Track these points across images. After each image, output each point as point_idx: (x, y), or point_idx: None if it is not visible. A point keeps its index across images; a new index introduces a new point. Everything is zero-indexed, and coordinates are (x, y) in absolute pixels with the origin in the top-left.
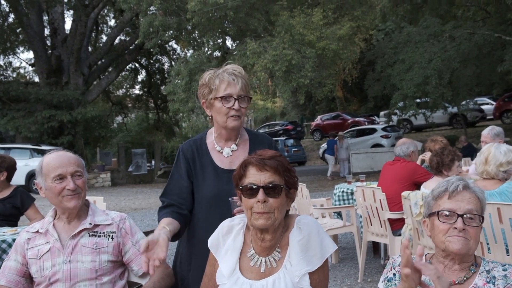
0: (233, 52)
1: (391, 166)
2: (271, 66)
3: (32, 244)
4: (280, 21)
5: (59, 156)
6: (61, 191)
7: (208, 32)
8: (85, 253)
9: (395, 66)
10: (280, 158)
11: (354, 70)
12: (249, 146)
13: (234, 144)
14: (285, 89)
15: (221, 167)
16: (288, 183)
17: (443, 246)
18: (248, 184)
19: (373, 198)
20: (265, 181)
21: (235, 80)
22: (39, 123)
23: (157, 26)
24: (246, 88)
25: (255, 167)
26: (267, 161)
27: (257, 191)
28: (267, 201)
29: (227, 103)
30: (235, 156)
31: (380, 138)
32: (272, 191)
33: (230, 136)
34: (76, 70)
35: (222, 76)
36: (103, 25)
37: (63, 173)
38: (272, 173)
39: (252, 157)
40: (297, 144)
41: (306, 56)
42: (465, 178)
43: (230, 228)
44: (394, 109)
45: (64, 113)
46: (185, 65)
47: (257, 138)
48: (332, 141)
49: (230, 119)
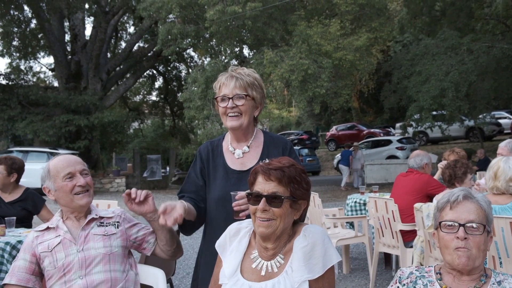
0: (250, 61)
1: (404, 177)
2: (287, 76)
3: (42, 239)
4: (298, 31)
5: (65, 157)
6: (72, 188)
7: (225, 41)
8: (97, 240)
9: (412, 78)
10: (289, 169)
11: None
12: (262, 149)
13: (246, 146)
14: (301, 99)
15: (231, 167)
16: (294, 194)
17: (449, 260)
18: (255, 191)
19: (385, 209)
20: (269, 190)
21: (228, 80)
22: (57, 127)
23: (175, 34)
24: (244, 86)
25: (262, 175)
26: (272, 171)
27: (261, 199)
28: (268, 210)
29: (223, 103)
30: (246, 158)
31: (395, 150)
32: (274, 200)
33: (240, 137)
34: (95, 75)
35: (220, 78)
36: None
37: (72, 171)
38: (277, 184)
39: (261, 166)
40: (311, 154)
41: (322, 66)
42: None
43: (238, 230)
44: (410, 121)
45: (82, 118)
46: (201, 73)
47: (272, 141)
48: (346, 151)
49: (228, 119)
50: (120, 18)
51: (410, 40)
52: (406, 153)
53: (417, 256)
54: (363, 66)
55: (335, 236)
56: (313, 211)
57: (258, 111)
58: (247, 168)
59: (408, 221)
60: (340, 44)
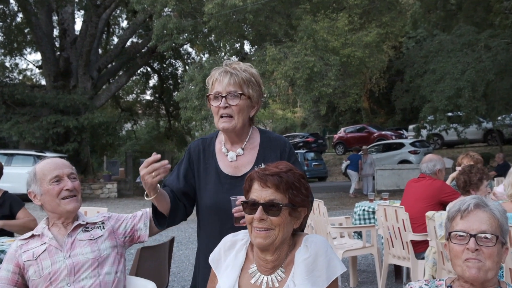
0: (251, 58)
1: (415, 183)
2: (291, 74)
3: (26, 248)
4: (303, 25)
5: (53, 160)
6: (59, 192)
7: (225, 36)
8: (84, 246)
9: (426, 76)
10: (287, 174)
11: (381, 79)
12: (257, 152)
13: (241, 148)
14: (306, 99)
15: (224, 172)
16: (293, 201)
17: (460, 272)
18: (251, 199)
19: (395, 218)
20: (266, 198)
21: (222, 76)
22: (44, 129)
23: (171, 29)
24: (239, 83)
25: (258, 182)
26: (269, 177)
27: (257, 208)
28: (266, 219)
29: (216, 102)
30: (240, 161)
31: (408, 154)
32: (272, 209)
33: (234, 138)
34: (85, 73)
35: (214, 73)
36: (115, 27)
37: (60, 174)
38: (274, 190)
39: (256, 172)
40: (318, 158)
41: (329, 63)
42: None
43: (233, 243)
44: (424, 123)
45: (71, 119)
46: (199, 70)
47: (269, 143)
48: (355, 155)
49: (220, 120)
50: (112, 11)
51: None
52: (419, 157)
53: (429, 268)
54: (373, 64)
55: (342, 246)
56: (317, 219)
57: (254, 110)
58: (241, 173)
59: (419, 230)
60: (348, 40)
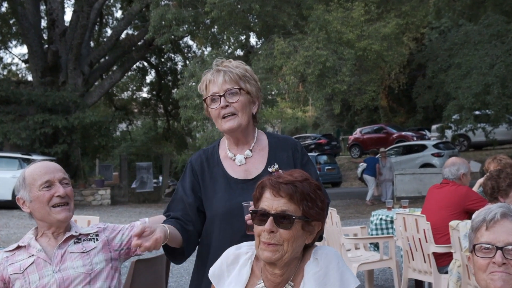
0: (257, 52)
1: (438, 190)
2: (302, 69)
3: (12, 260)
4: (314, 16)
5: (44, 164)
6: (50, 199)
7: (229, 28)
8: (75, 259)
9: (450, 71)
10: (302, 184)
11: (401, 75)
12: (268, 152)
13: (249, 150)
14: (318, 96)
15: (234, 177)
16: (307, 214)
17: (484, 286)
18: (261, 208)
19: (415, 228)
20: (277, 208)
21: (215, 75)
22: (30, 129)
23: (170, 20)
24: (235, 79)
25: (270, 190)
26: (282, 186)
27: (267, 219)
28: (276, 232)
29: (214, 104)
30: (251, 163)
31: (431, 157)
32: (283, 221)
33: (240, 139)
34: (75, 68)
35: (205, 76)
36: (108, 17)
37: (51, 179)
38: (287, 201)
39: (269, 179)
40: (331, 162)
41: (343, 57)
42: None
43: (236, 257)
44: (448, 123)
45: (60, 118)
46: (201, 65)
47: (278, 143)
48: (372, 159)
49: (223, 121)
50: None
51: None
52: (443, 160)
53: (453, 283)
54: (392, 58)
55: (357, 259)
56: (330, 229)
57: (256, 107)
58: (253, 176)
59: (442, 242)
60: (365, 32)
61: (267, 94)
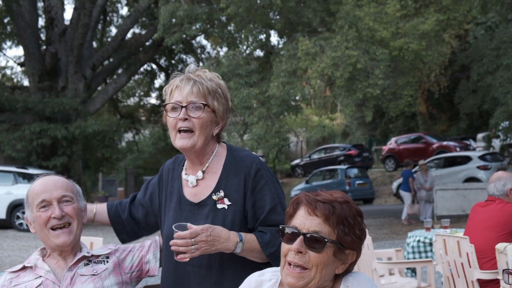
0: (279, 52)
1: (483, 208)
2: (329, 72)
3: (17, 281)
4: (343, 12)
5: (44, 180)
6: (47, 221)
7: (247, 25)
8: (86, 282)
9: (498, 73)
10: (341, 206)
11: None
12: (219, 176)
13: (201, 171)
14: (348, 102)
15: (186, 197)
16: (342, 240)
17: None
18: (292, 225)
19: (458, 251)
20: (309, 228)
21: (184, 83)
22: (26, 140)
23: (181, 17)
24: (203, 93)
25: (306, 208)
26: (319, 204)
27: (296, 238)
28: (304, 253)
29: (174, 113)
30: (200, 187)
31: (477, 170)
32: (314, 243)
33: (194, 159)
34: (76, 71)
35: (174, 80)
36: (113, 15)
37: (47, 198)
38: (322, 221)
39: (306, 195)
40: (362, 176)
41: (376, 58)
42: None
43: (259, 284)
44: (496, 131)
45: (59, 127)
46: (216, 68)
47: (233, 165)
48: (407, 172)
49: (177, 136)
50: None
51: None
52: (490, 174)
53: None
54: (431, 58)
55: (391, 287)
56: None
57: (219, 128)
58: (199, 200)
59: (488, 267)
60: (401, 29)
61: (291, 99)
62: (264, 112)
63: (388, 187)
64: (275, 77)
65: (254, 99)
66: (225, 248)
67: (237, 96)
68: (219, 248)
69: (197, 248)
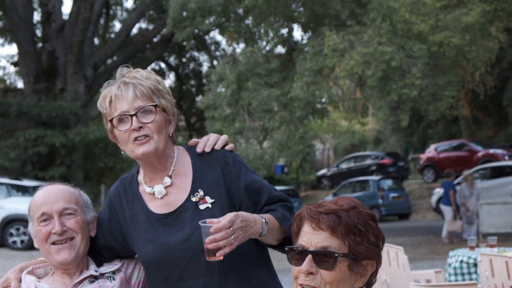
0: (303, 49)
1: None
2: (360, 70)
3: None
4: (376, 2)
5: (47, 191)
6: (47, 236)
7: (267, 19)
8: None
9: None
10: (348, 213)
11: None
12: (192, 175)
13: (167, 177)
14: (381, 104)
15: (155, 212)
16: (355, 251)
17: None
18: (299, 245)
19: (506, 273)
20: (317, 244)
21: (123, 90)
22: (21, 148)
23: (193, 10)
24: (148, 94)
25: (309, 222)
26: (322, 216)
27: (305, 257)
28: (316, 273)
29: (124, 125)
30: (172, 193)
31: None
32: (324, 259)
33: (155, 166)
34: (76, 72)
35: (108, 91)
36: (116, 8)
37: (47, 211)
38: (329, 234)
39: (307, 208)
40: (397, 188)
41: (413, 55)
42: None
43: None
44: None
45: (57, 134)
46: (232, 67)
47: (204, 161)
48: (448, 183)
49: (135, 145)
50: None
51: None
52: None
53: None
54: (476, 54)
55: None
56: (395, 274)
57: (172, 126)
58: (176, 207)
59: None
60: (441, 22)
61: (316, 102)
62: (287, 115)
63: (426, 201)
64: (299, 76)
65: (275, 101)
66: (255, 232)
67: (256, 98)
68: (251, 234)
69: (236, 237)
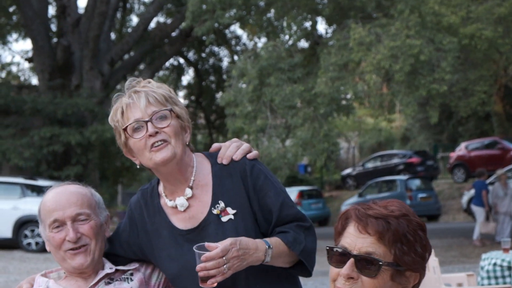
0: (327, 42)
1: None
2: (387, 65)
3: None
4: None
5: (57, 194)
6: (61, 243)
7: (290, 12)
8: None
9: None
10: (398, 221)
11: None
12: (212, 186)
13: (188, 188)
14: (409, 100)
15: (178, 227)
16: (400, 261)
17: None
18: (340, 246)
19: None
20: (361, 249)
21: (135, 98)
22: (35, 146)
23: (212, 3)
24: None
25: (355, 224)
26: (371, 220)
27: (346, 260)
28: (356, 279)
29: (139, 133)
30: (194, 206)
31: None
32: (367, 266)
33: (175, 175)
34: (92, 67)
35: (119, 102)
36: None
37: (59, 217)
38: (376, 240)
39: (356, 208)
40: (426, 188)
41: (443, 48)
42: None
43: None
44: None
45: (72, 132)
46: (253, 61)
47: (223, 168)
48: (480, 183)
49: (152, 152)
50: None
51: None
52: None
53: None
54: (509, 47)
55: None
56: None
57: (188, 135)
58: (199, 221)
59: None
60: (472, 13)
61: (341, 98)
62: (310, 112)
63: (457, 202)
64: (323, 71)
65: (298, 98)
66: (256, 260)
67: (279, 94)
68: (249, 262)
69: (230, 267)
